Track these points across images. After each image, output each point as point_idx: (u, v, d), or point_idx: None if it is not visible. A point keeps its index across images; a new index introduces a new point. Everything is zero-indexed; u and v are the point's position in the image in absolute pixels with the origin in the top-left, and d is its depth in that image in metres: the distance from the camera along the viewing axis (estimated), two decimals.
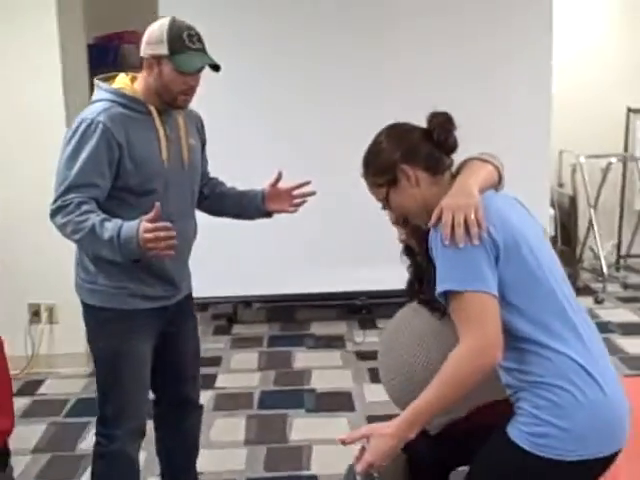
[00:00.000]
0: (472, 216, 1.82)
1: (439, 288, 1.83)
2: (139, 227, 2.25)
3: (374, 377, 4.41)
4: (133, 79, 2.57)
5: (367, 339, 4.94)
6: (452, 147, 2.03)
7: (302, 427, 3.84)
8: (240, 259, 5.14)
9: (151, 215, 2.26)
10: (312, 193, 2.77)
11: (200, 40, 2.46)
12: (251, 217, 2.87)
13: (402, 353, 2.38)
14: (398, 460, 2.52)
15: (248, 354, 4.91)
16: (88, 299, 2.57)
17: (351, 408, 4.05)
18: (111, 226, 2.30)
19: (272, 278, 5.19)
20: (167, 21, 2.45)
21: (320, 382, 4.36)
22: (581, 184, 6.00)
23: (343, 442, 1.91)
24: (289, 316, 5.60)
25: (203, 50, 2.46)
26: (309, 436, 3.73)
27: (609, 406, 1.84)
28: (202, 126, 2.77)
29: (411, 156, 1.99)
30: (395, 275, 5.38)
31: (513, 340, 1.84)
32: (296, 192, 2.78)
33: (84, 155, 2.37)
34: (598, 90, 6.13)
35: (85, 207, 2.35)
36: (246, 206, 2.82)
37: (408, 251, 2.45)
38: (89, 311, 2.58)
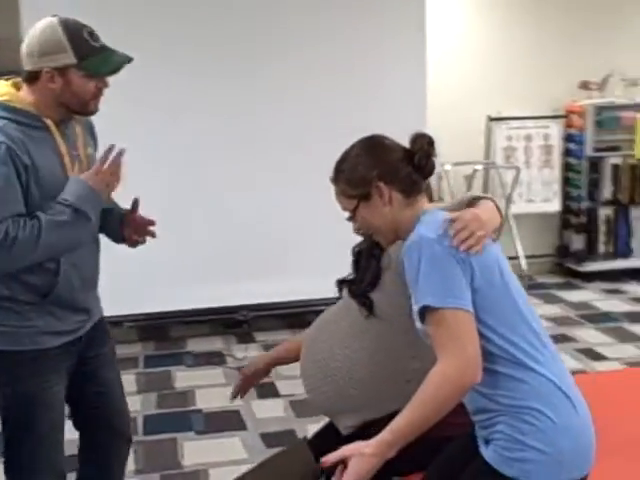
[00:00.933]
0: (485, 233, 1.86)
1: (420, 302, 1.79)
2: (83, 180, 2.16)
3: (261, 393, 4.30)
4: (16, 86, 2.27)
5: (250, 353, 4.81)
6: (430, 171, 2.01)
7: (194, 450, 3.67)
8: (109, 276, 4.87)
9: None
10: (152, 235, 2.53)
11: (98, 36, 2.22)
12: (113, 239, 2.58)
13: (324, 357, 2.32)
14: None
15: (124, 376, 4.59)
16: None
17: (242, 427, 3.93)
18: (57, 206, 2.14)
19: (141, 295, 4.97)
20: (57, 23, 2.17)
21: (206, 401, 4.19)
22: (447, 191, 6.13)
23: (324, 465, 1.84)
24: (162, 334, 5.36)
25: (107, 47, 2.22)
26: (203, 459, 3.57)
27: (583, 426, 1.86)
28: (93, 130, 2.50)
29: (389, 176, 1.96)
30: (274, 288, 5.36)
31: (488, 362, 1.81)
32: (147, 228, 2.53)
33: None
34: (461, 98, 6.28)
35: (21, 222, 2.10)
36: (109, 226, 2.52)
37: (367, 251, 2.40)
38: None
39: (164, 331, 5.39)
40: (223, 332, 5.22)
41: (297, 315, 5.38)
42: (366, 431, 2.31)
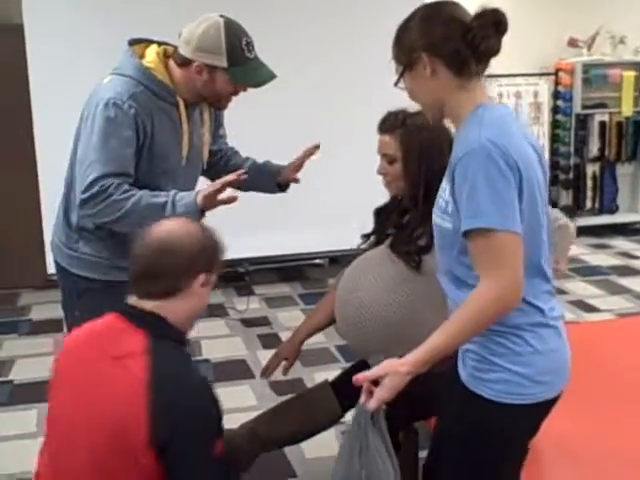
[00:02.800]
0: None
1: (473, 222, 1.69)
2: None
3: (266, 343, 4.39)
4: (165, 54, 2.40)
5: (251, 306, 4.89)
6: (485, 54, 1.79)
7: None
8: None
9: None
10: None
11: (254, 46, 2.35)
12: (266, 192, 2.78)
13: (365, 303, 2.39)
14: None
15: None
16: (66, 264, 2.43)
17: (251, 375, 4.01)
18: (163, 193, 2.23)
19: None
20: (222, 25, 2.29)
21: (212, 352, 4.28)
22: None
23: (356, 383, 1.81)
24: None
25: (259, 59, 2.36)
26: None
27: (561, 345, 1.85)
28: (219, 117, 2.67)
29: (435, 47, 1.80)
30: (273, 242, 5.41)
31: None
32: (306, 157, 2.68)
33: (116, 142, 2.23)
34: None
35: (126, 187, 2.23)
36: (261, 184, 2.74)
37: (394, 199, 2.47)
38: (66, 276, 2.45)
39: None
40: (223, 285, 5.28)
41: (296, 268, 5.47)
42: None
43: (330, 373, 3.95)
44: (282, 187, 2.76)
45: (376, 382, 1.79)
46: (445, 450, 1.95)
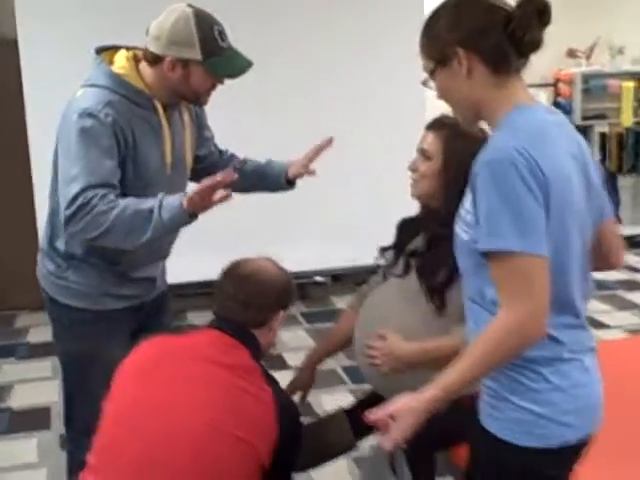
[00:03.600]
0: None
1: (491, 243, 1.52)
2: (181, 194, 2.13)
3: (270, 365, 4.18)
4: (135, 58, 2.27)
5: None
6: (528, 47, 1.61)
7: None
8: None
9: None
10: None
11: (227, 34, 2.22)
12: (271, 190, 2.66)
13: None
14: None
15: None
16: (56, 294, 2.31)
17: None
18: (150, 199, 2.10)
19: None
20: (191, 16, 2.16)
21: None
22: None
23: (367, 420, 1.68)
24: None
25: (233, 48, 2.23)
26: None
27: (588, 384, 1.68)
28: (201, 109, 2.50)
29: (472, 41, 1.61)
30: (274, 259, 5.30)
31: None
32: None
33: (95, 153, 2.09)
34: None
35: (111, 197, 2.10)
36: (268, 180, 2.62)
37: (424, 215, 2.36)
38: (55, 308, 2.34)
39: None
40: None
41: (298, 287, 5.34)
42: None
43: (337, 396, 3.89)
44: (290, 183, 2.63)
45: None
46: None
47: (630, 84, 6.61)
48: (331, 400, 3.85)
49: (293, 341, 4.62)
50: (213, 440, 1.80)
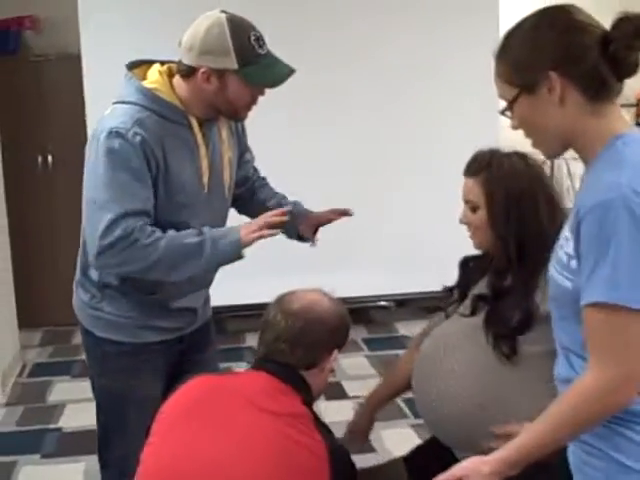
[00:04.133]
0: None
1: (604, 295, 1.37)
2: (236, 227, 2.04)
3: (329, 394, 4.07)
4: (170, 72, 2.12)
5: None
6: (629, 70, 1.45)
7: None
8: None
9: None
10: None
11: (264, 40, 2.05)
12: (287, 235, 2.41)
13: (449, 393, 2.10)
14: None
15: None
16: (90, 326, 2.18)
17: None
18: (192, 232, 2.00)
19: None
20: (225, 22, 2.00)
21: None
22: None
23: None
24: (219, 328, 5.16)
25: (272, 54, 2.05)
26: None
27: None
28: (243, 129, 2.35)
29: (568, 65, 1.44)
30: (336, 283, 5.15)
31: None
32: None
33: (125, 176, 1.95)
34: None
35: (149, 229, 1.97)
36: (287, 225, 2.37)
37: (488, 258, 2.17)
38: (90, 339, 2.20)
39: (219, 325, 5.20)
40: None
41: (360, 311, 5.18)
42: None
43: (398, 430, 3.67)
44: (302, 238, 2.42)
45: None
46: None
47: None
48: (391, 435, 3.64)
49: (353, 368, 4.42)
50: None
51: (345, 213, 2.37)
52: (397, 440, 3.54)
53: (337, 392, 4.12)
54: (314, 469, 1.68)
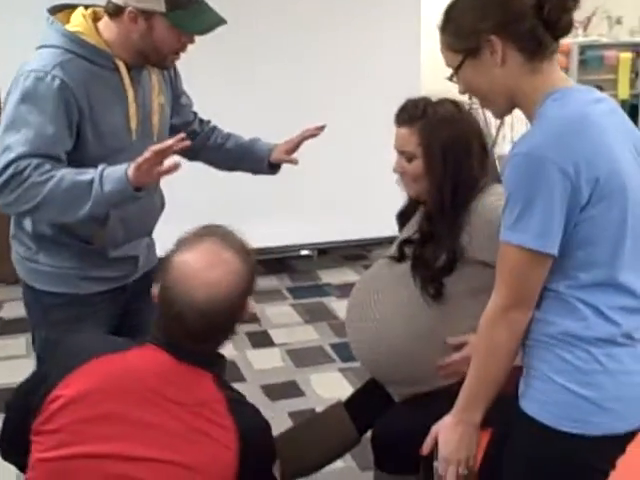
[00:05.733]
0: None
1: (506, 235, 1.51)
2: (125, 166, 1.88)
3: (256, 342, 4.11)
4: (95, 16, 2.04)
5: None
6: (564, 30, 1.56)
7: None
8: None
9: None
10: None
11: None
12: (253, 172, 2.50)
13: (375, 326, 2.15)
14: None
15: None
16: (29, 280, 2.10)
17: (241, 378, 3.73)
18: (91, 170, 1.88)
19: None
20: None
21: None
22: None
23: (425, 455, 1.77)
24: None
25: (204, 2, 1.99)
26: None
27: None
28: (176, 74, 2.29)
29: (506, 29, 1.53)
30: (259, 233, 5.14)
31: (556, 281, 1.55)
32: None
33: (36, 119, 1.88)
34: None
35: (47, 167, 1.88)
36: (250, 160, 2.46)
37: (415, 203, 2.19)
38: (29, 293, 2.14)
39: None
40: None
41: (283, 260, 5.20)
42: (419, 400, 2.16)
43: (326, 375, 3.73)
44: (273, 167, 2.47)
45: None
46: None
47: (627, 55, 6.45)
48: (319, 378, 3.69)
49: (279, 317, 4.45)
50: None
51: (318, 129, 2.40)
52: (325, 384, 3.60)
53: (264, 340, 4.14)
54: (222, 462, 1.55)
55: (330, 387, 3.49)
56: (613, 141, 1.51)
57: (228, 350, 4.13)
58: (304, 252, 5.28)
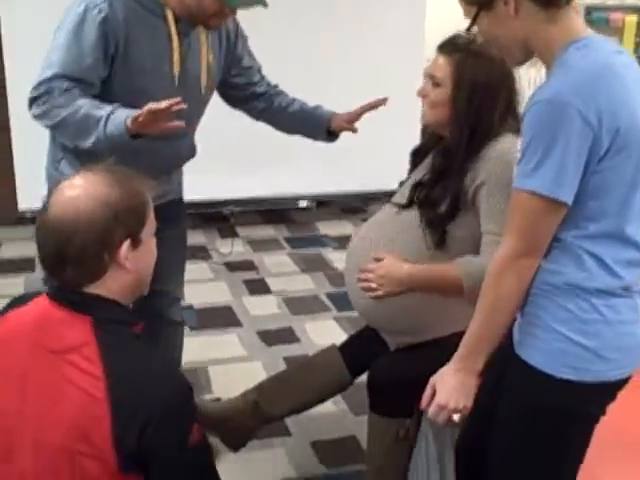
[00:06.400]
0: None
1: (522, 183, 1.51)
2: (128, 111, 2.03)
3: (252, 289, 4.16)
4: None
5: (235, 249, 4.62)
6: None
7: (190, 348, 3.48)
8: None
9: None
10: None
11: None
12: (312, 137, 2.66)
13: None
14: None
15: None
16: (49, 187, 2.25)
17: (238, 323, 3.77)
18: (107, 107, 2.04)
19: None
20: None
21: (196, 297, 3.96)
22: None
23: (424, 408, 1.74)
24: None
25: None
26: (200, 357, 3.41)
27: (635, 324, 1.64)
28: (237, 36, 2.45)
29: None
30: (259, 183, 5.14)
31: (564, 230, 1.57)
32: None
33: (78, 45, 2.08)
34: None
35: (75, 92, 2.08)
36: (309, 128, 2.62)
37: (434, 142, 2.21)
38: None
39: None
40: (206, 226, 4.97)
41: (282, 211, 5.21)
42: (416, 348, 2.21)
43: (321, 323, 3.78)
44: (331, 135, 2.61)
45: None
46: (495, 430, 1.74)
47: (633, 18, 6.38)
48: (315, 326, 3.74)
49: (276, 266, 4.48)
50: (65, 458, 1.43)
51: (383, 100, 2.47)
52: (320, 331, 3.65)
53: (260, 288, 4.18)
54: (92, 415, 1.42)
55: (325, 334, 3.53)
56: (633, 92, 1.52)
57: (224, 296, 4.21)
58: (302, 203, 5.29)
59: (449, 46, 2.14)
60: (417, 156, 2.32)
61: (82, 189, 1.47)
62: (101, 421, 1.40)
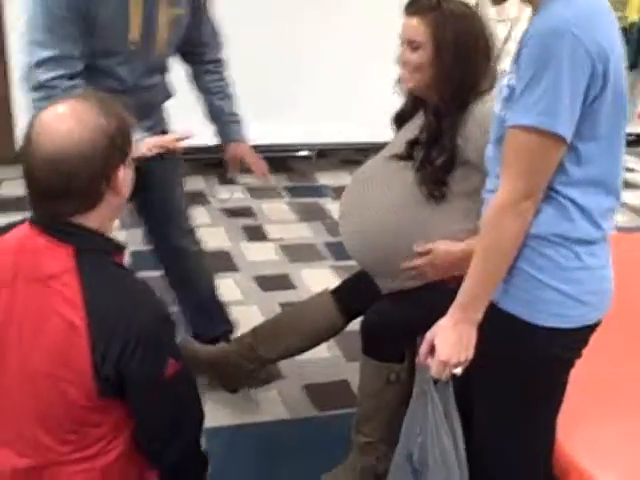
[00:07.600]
0: None
1: (523, 118, 1.45)
2: None
3: (250, 235, 4.19)
4: None
5: (234, 195, 4.65)
6: None
7: None
8: None
9: None
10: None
11: None
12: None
13: (370, 223, 2.21)
14: None
15: None
16: None
17: (235, 268, 3.82)
18: None
19: None
20: None
21: None
22: None
23: (422, 364, 1.71)
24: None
25: None
26: None
27: (606, 268, 1.65)
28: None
29: None
30: (259, 130, 5.14)
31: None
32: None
33: (57, 17, 2.10)
34: None
35: (76, 82, 2.15)
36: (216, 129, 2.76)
37: (417, 103, 2.22)
38: None
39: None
40: (204, 172, 5.00)
41: (282, 160, 5.22)
42: (408, 295, 2.25)
43: (318, 271, 3.82)
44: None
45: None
46: (476, 379, 1.75)
47: None
48: (311, 274, 3.79)
49: (275, 214, 4.52)
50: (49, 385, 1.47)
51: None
52: (317, 279, 3.70)
53: (258, 234, 4.22)
54: (71, 343, 1.44)
55: (321, 282, 3.53)
56: (617, 35, 1.51)
57: (222, 241, 4.25)
58: (303, 152, 5.30)
59: (417, 5, 2.10)
60: (398, 122, 2.33)
61: (74, 119, 1.44)
62: (80, 347, 1.43)
